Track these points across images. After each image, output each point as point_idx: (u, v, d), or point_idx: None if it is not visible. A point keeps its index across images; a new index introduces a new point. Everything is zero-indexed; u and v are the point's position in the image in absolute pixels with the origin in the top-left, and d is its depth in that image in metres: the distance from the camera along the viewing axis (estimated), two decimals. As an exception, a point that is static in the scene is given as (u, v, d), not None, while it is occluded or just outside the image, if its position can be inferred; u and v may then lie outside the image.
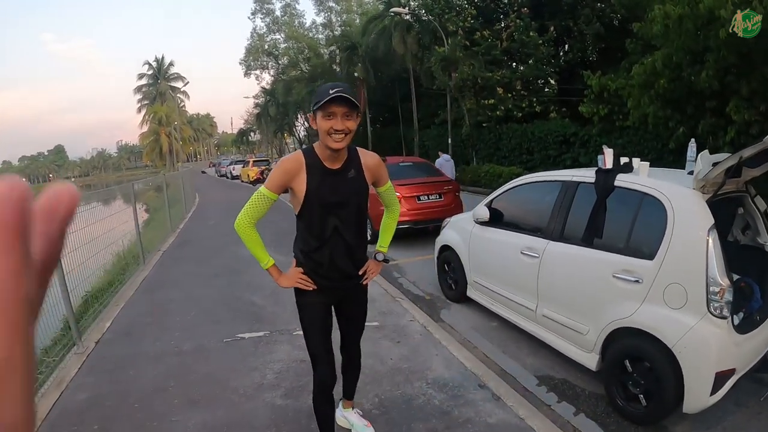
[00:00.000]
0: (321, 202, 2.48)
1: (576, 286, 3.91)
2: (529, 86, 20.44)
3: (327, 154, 2.46)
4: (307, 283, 2.64)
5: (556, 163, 17.08)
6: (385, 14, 26.28)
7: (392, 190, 2.88)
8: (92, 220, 6.93)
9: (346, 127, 2.35)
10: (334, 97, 2.29)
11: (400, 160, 10.92)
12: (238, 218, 2.57)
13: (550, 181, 4.57)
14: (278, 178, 2.49)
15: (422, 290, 6.62)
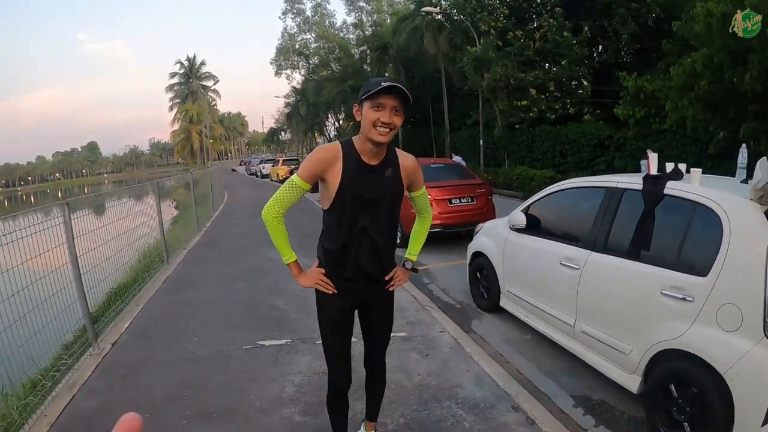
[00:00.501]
0: (354, 196, 2.33)
1: (619, 302, 3.58)
2: (563, 87, 19.95)
3: (367, 148, 2.33)
4: (327, 286, 2.50)
5: (590, 167, 16.72)
6: (417, 14, 26.01)
7: (426, 196, 2.74)
8: (120, 215, 6.94)
9: (393, 121, 2.24)
10: (388, 88, 2.18)
11: (431, 162, 10.69)
12: (267, 206, 2.43)
13: (592, 187, 4.24)
14: (312, 167, 2.36)
15: (453, 298, 6.35)
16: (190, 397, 3.81)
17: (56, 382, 4.35)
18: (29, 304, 4.24)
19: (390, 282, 2.59)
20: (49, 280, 4.59)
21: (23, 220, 4.42)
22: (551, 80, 19.34)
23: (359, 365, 2.81)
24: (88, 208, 6.25)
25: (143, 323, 5.58)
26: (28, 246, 4.31)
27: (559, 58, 19.61)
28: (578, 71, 19.39)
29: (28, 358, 4.34)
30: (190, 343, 4.86)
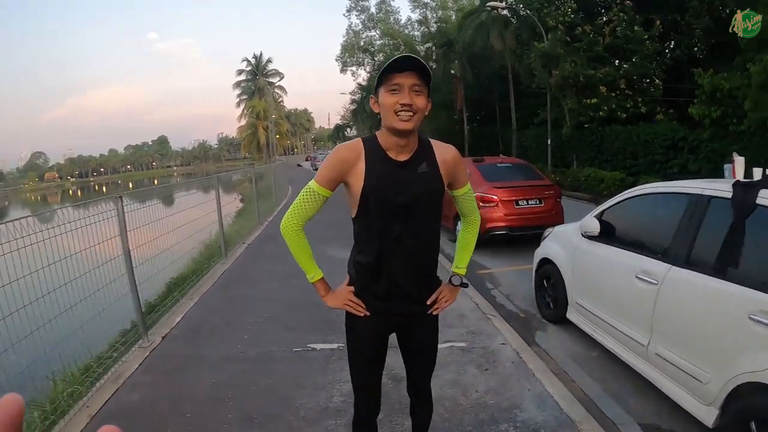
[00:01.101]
0: (382, 200, 1.97)
1: (700, 324, 3.16)
2: (634, 85, 18.99)
3: (393, 142, 1.98)
4: (357, 307, 2.15)
5: (663, 170, 15.91)
6: (482, 9, 25.48)
7: (472, 194, 2.28)
8: (184, 207, 7.07)
9: (414, 102, 1.87)
10: (400, 63, 1.85)
11: (498, 161, 10.28)
12: (285, 219, 2.11)
13: (674, 194, 3.82)
14: (331, 169, 2.02)
15: (517, 306, 6.02)
16: (234, 400, 3.72)
17: (106, 369, 4.40)
18: (87, 291, 4.35)
19: (433, 305, 2.22)
20: (107, 269, 4.73)
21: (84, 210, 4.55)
22: (622, 77, 18.44)
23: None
24: (156, 198, 6.35)
25: (195, 318, 5.57)
26: (88, 235, 4.42)
27: (629, 54, 18.69)
28: (650, 68, 18.42)
29: (82, 345, 4.50)
30: (239, 342, 4.78)
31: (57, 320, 3.91)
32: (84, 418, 3.57)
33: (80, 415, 3.63)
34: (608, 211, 4.48)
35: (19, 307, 3.57)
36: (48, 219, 4.18)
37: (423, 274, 2.15)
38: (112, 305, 4.76)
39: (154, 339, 4.94)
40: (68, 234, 4.18)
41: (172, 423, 3.46)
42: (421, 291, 2.17)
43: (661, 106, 19.50)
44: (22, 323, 3.57)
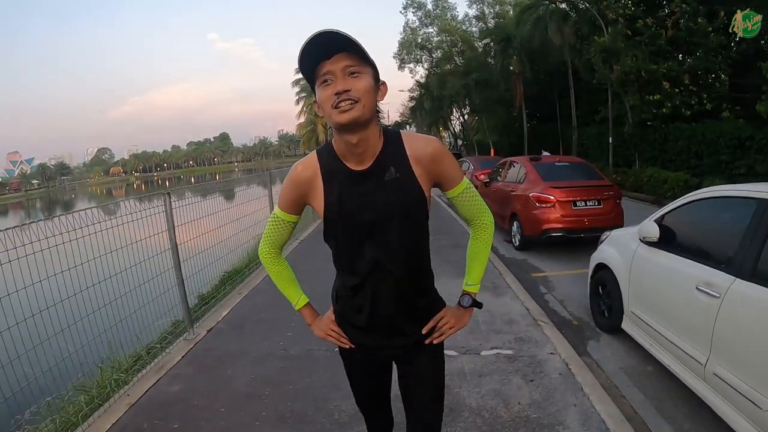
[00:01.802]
0: (346, 221, 1.68)
1: (764, 344, 2.84)
2: (699, 80, 18.09)
3: (345, 146, 1.62)
4: (340, 339, 1.92)
5: (728, 171, 15.12)
6: (540, 3, 25.11)
7: (473, 192, 1.83)
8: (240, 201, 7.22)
9: (354, 86, 1.48)
10: (321, 49, 1.48)
11: (555, 160, 10.01)
12: (260, 246, 1.96)
13: (741, 198, 3.47)
14: (288, 193, 1.77)
15: (570, 313, 5.77)
16: (270, 397, 3.74)
17: (146, 362, 4.55)
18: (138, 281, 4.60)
19: (430, 334, 1.85)
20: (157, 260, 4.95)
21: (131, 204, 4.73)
22: (686, 72, 17.61)
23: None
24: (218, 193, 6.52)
25: (241, 313, 5.67)
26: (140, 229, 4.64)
27: (693, 48, 17.73)
28: (715, 62, 17.40)
29: (132, 334, 4.68)
30: (282, 339, 4.80)
31: (108, 308, 4.11)
32: (123, 407, 3.68)
33: (119, 403, 3.75)
34: (669, 216, 4.19)
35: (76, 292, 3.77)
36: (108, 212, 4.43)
37: (411, 301, 1.80)
38: (163, 295, 4.96)
39: (199, 332, 5.07)
40: (121, 227, 4.42)
41: (206, 416, 3.52)
42: (410, 321, 1.83)
43: (727, 103, 18.53)
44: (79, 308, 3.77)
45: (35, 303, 3.37)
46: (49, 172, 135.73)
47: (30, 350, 3.31)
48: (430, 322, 1.84)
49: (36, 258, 3.37)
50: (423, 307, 1.85)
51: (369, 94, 1.52)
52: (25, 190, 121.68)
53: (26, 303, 3.29)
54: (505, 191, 9.81)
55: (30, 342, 3.33)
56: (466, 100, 36.65)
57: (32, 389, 3.39)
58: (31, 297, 3.34)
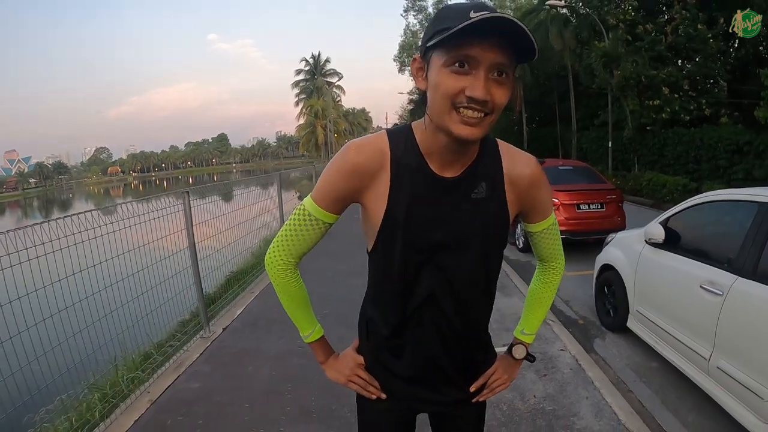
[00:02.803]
0: (409, 238, 1.29)
1: (765, 339, 3.00)
2: (698, 86, 18.20)
3: (439, 147, 1.24)
4: (369, 388, 1.51)
5: (727, 175, 15.28)
6: (540, 8, 25.19)
7: (557, 229, 1.52)
8: (246, 204, 7.27)
9: (492, 97, 1.09)
10: (484, 24, 1.00)
11: (559, 164, 10.19)
12: (270, 251, 1.45)
13: (743, 201, 3.66)
14: (339, 184, 1.30)
15: (576, 312, 5.92)
16: (292, 393, 3.81)
17: (167, 357, 4.59)
18: (152, 282, 4.56)
19: (481, 391, 1.54)
20: (171, 261, 4.93)
21: (151, 203, 4.69)
22: (685, 78, 17.74)
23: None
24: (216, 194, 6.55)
25: (255, 311, 5.73)
26: (157, 228, 4.66)
27: (692, 54, 17.93)
28: (714, 68, 17.55)
29: (144, 334, 4.68)
30: (298, 336, 4.75)
31: (124, 308, 4.15)
32: (144, 404, 3.74)
33: (141, 400, 3.81)
34: (674, 218, 4.36)
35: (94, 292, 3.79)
36: (115, 212, 4.36)
37: (467, 347, 1.47)
38: (177, 296, 5.00)
39: (215, 330, 5.14)
40: (139, 226, 4.42)
41: (231, 412, 3.59)
42: (463, 370, 1.49)
43: (725, 109, 18.63)
44: (96, 308, 3.79)
45: (54, 302, 3.39)
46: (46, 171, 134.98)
47: (48, 351, 3.32)
48: (480, 378, 1.53)
49: (55, 257, 3.38)
50: (476, 353, 1.53)
51: (501, 109, 1.14)
52: (23, 188, 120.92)
53: (45, 303, 3.30)
54: (508, 194, 9.90)
55: (48, 342, 3.33)
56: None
57: (50, 389, 3.44)
58: (50, 296, 3.35)
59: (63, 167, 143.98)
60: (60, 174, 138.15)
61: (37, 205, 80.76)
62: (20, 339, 3.10)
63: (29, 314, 3.15)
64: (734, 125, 16.59)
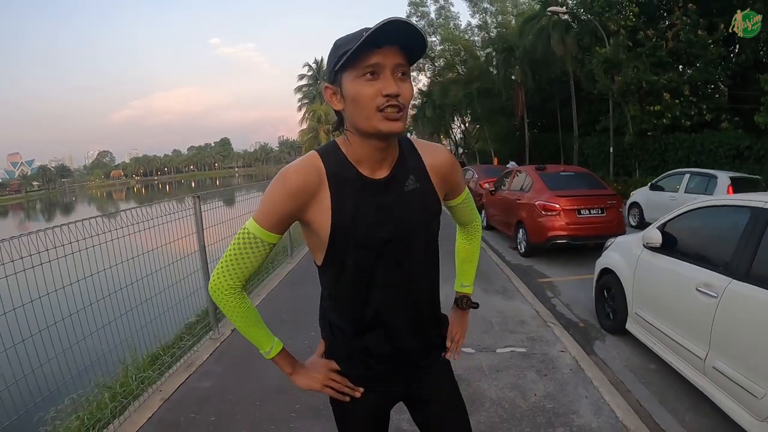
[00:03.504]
0: (360, 241, 1.39)
1: (758, 339, 3.12)
2: (698, 92, 18.40)
3: (367, 153, 1.38)
4: (344, 389, 1.56)
5: (727, 180, 15.25)
6: (542, 14, 25.29)
7: (470, 199, 1.75)
8: (250, 210, 7.33)
9: (402, 91, 1.28)
10: (385, 34, 1.20)
11: (560, 169, 10.32)
12: (213, 277, 1.48)
13: (737, 206, 3.80)
14: (280, 206, 1.36)
15: (576, 315, 6.02)
16: (301, 391, 3.80)
17: (176, 359, 4.67)
18: (163, 284, 4.67)
19: (446, 348, 1.72)
20: (181, 265, 5.02)
21: (162, 207, 4.76)
22: (686, 83, 17.94)
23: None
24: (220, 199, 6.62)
25: (263, 313, 5.59)
26: (165, 232, 4.73)
27: (693, 60, 18.21)
28: (714, 73, 17.82)
29: (153, 335, 4.79)
30: (306, 338, 4.93)
31: (133, 312, 4.25)
32: (157, 402, 3.84)
33: (153, 398, 3.92)
34: (671, 223, 4.48)
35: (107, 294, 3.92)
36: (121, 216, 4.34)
37: (423, 318, 1.58)
38: (186, 299, 5.11)
39: (224, 331, 5.22)
40: (151, 230, 4.54)
41: (242, 410, 3.69)
42: (423, 337, 1.59)
43: (726, 114, 18.79)
44: (106, 311, 3.89)
45: (67, 306, 3.46)
46: (49, 174, 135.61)
47: (59, 354, 3.37)
48: (447, 341, 1.71)
49: (67, 261, 3.46)
50: (436, 323, 1.66)
51: (409, 103, 1.33)
52: (26, 191, 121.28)
53: (56, 306, 3.36)
54: (510, 200, 10.05)
55: (59, 345, 3.38)
56: (468, 109, 36.69)
57: (60, 391, 3.52)
58: (62, 300, 3.42)
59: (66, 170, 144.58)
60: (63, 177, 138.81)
61: (40, 208, 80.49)
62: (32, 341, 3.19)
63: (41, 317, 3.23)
64: (735, 130, 16.76)
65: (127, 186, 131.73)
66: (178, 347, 5.00)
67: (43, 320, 3.24)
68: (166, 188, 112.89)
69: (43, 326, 3.24)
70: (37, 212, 73.09)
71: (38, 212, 72.91)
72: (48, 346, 3.27)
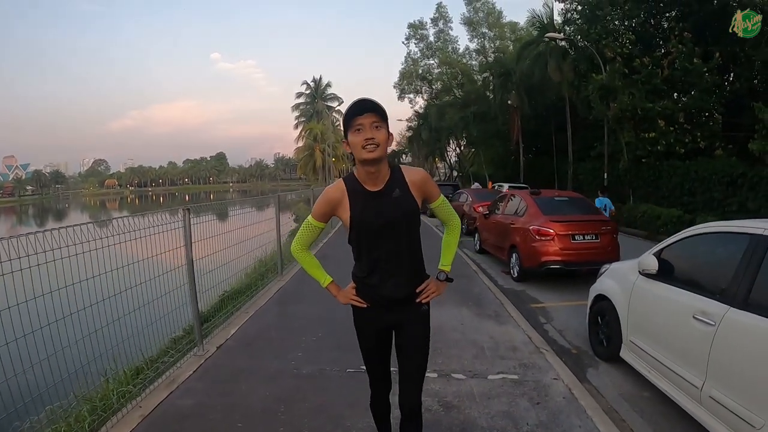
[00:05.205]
0: (367, 226, 2.44)
1: (757, 368, 3.05)
2: (693, 119, 18.48)
3: (366, 175, 2.41)
4: (359, 302, 2.62)
5: (721, 208, 15.39)
6: (540, 40, 25.64)
7: (447, 203, 2.71)
8: (242, 225, 7.22)
9: (375, 136, 2.28)
10: (359, 106, 2.28)
11: (555, 194, 10.30)
12: (293, 244, 2.69)
13: (735, 233, 3.74)
14: (322, 207, 2.53)
15: (569, 342, 5.93)
16: (285, 414, 3.79)
17: (159, 373, 4.54)
18: (148, 298, 4.54)
19: (421, 294, 2.61)
20: (167, 278, 4.87)
21: (151, 218, 4.63)
22: (680, 111, 18.03)
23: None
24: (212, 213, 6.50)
25: (250, 331, 5.71)
26: (154, 244, 4.62)
27: (688, 87, 18.21)
28: (709, 101, 17.74)
29: (137, 348, 4.59)
30: (293, 358, 4.86)
31: (117, 323, 4.11)
32: (136, 418, 3.70)
33: (132, 414, 3.78)
34: (667, 250, 4.42)
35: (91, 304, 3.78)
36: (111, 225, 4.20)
37: (412, 280, 2.58)
38: (171, 313, 4.95)
39: (208, 348, 5.10)
40: (137, 241, 4.40)
41: (223, 430, 3.57)
42: (406, 286, 2.57)
43: (720, 141, 18.89)
44: (92, 321, 3.76)
45: (52, 312, 3.39)
46: (43, 179, 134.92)
47: (36, 363, 3.27)
48: (421, 285, 2.61)
49: (48, 268, 3.37)
50: (415, 277, 2.60)
51: (385, 142, 2.31)
52: (19, 195, 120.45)
53: (43, 312, 3.30)
54: (504, 224, 10.01)
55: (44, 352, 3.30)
56: (464, 132, 36.84)
57: (38, 400, 3.41)
58: (48, 306, 3.35)
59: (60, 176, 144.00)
60: (57, 183, 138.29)
61: (32, 213, 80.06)
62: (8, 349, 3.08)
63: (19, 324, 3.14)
64: (728, 158, 16.80)
65: (120, 195, 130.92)
66: (162, 362, 4.86)
67: (21, 327, 3.16)
68: (160, 200, 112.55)
69: (23, 333, 3.17)
70: (29, 217, 72.49)
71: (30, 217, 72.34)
72: (27, 354, 3.18)
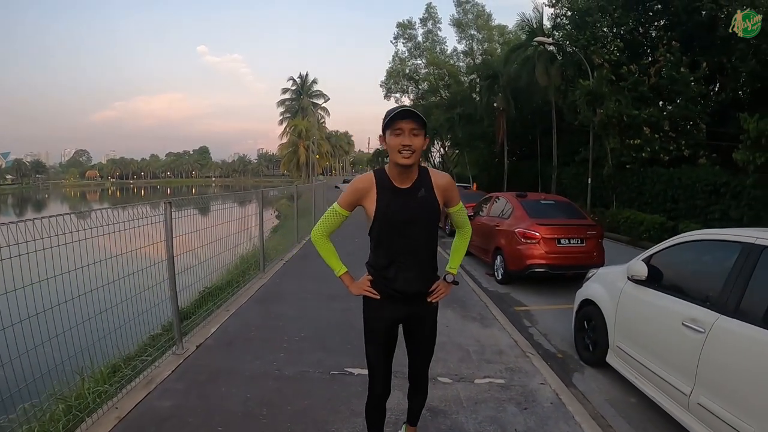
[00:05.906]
0: (390, 220, 2.52)
1: (746, 376, 3.05)
2: (678, 127, 18.49)
3: (397, 173, 2.52)
4: (373, 293, 2.67)
5: (703, 215, 15.47)
6: (528, 44, 25.61)
7: (464, 211, 2.84)
8: (223, 220, 7.07)
9: (413, 143, 2.39)
10: (402, 113, 2.37)
11: (541, 197, 10.29)
12: (314, 230, 2.74)
13: (726, 241, 3.73)
14: (350, 197, 2.60)
15: (554, 346, 5.90)
16: (267, 418, 3.69)
17: (137, 373, 4.40)
18: (126, 294, 4.37)
19: (432, 294, 2.72)
20: (146, 274, 4.69)
21: (131, 211, 4.45)
22: (666, 119, 18.07)
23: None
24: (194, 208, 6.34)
25: (231, 330, 5.57)
26: (133, 237, 4.41)
27: (674, 96, 18.25)
28: (694, 110, 17.78)
29: (114, 345, 4.40)
30: (275, 359, 4.76)
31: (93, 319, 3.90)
32: (112, 420, 3.56)
33: (108, 416, 3.63)
34: (656, 256, 4.39)
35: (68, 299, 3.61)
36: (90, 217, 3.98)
37: (425, 276, 2.68)
38: (150, 310, 4.77)
39: (188, 347, 4.95)
40: (116, 234, 4.20)
41: (204, 435, 3.44)
42: (424, 287, 2.69)
43: (704, 150, 19.00)
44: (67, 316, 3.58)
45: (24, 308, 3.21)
46: (24, 168, 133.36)
47: (7, 361, 3.11)
48: (433, 285, 2.73)
49: (29, 259, 3.20)
50: (429, 279, 2.70)
51: (420, 148, 2.43)
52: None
53: (14, 307, 3.11)
54: (489, 226, 9.98)
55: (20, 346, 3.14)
56: (449, 134, 36.79)
57: (8, 400, 3.19)
58: (20, 301, 3.18)
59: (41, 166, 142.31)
60: (38, 173, 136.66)
61: (11, 203, 78.81)
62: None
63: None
64: (712, 166, 16.90)
65: (101, 187, 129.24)
66: (140, 360, 4.72)
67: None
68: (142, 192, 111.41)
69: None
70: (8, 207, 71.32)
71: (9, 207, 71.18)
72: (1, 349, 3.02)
